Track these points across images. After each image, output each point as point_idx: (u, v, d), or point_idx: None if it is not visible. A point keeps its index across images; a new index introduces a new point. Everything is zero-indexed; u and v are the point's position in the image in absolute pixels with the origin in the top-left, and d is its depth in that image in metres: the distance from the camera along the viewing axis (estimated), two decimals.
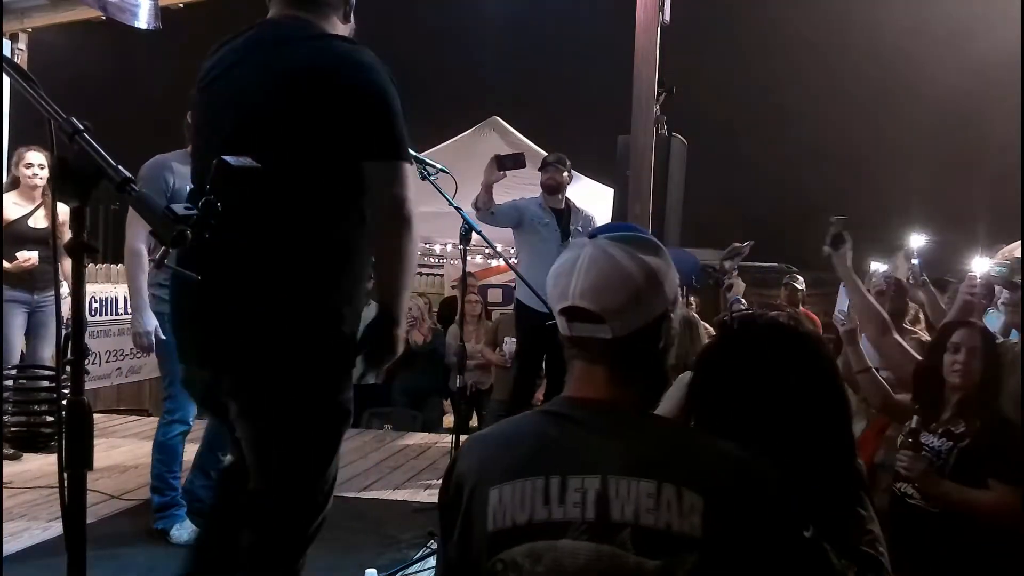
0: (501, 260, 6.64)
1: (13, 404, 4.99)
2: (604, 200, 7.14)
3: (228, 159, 1.43)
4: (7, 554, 3.17)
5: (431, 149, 9.30)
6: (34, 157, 4.86)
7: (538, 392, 6.09)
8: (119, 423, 6.11)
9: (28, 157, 4.86)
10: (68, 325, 1.36)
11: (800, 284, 6.94)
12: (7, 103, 5.56)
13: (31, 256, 4.79)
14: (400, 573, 3.21)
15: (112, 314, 7.30)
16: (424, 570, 3.23)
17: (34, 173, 4.86)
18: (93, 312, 7.02)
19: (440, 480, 1.37)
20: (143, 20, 5.40)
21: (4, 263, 4.68)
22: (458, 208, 3.94)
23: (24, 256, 4.77)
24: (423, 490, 4.40)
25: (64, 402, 1.32)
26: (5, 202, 4.69)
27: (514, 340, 5.70)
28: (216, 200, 1.34)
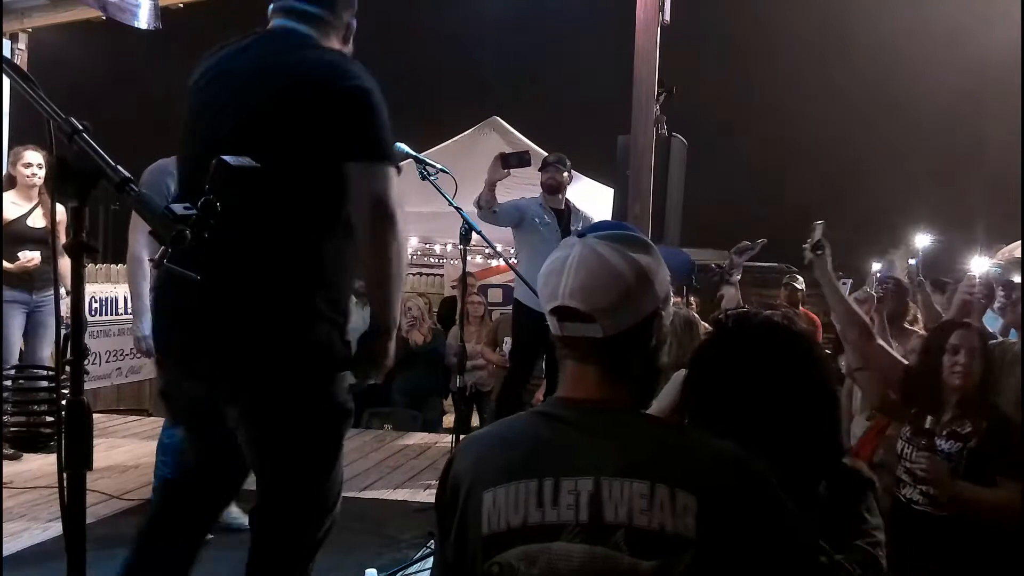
0: (501, 260, 6.65)
1: (13, 404, 4.99)
2: (604, 200, 7.15)
3: (227, 159, 1.43)
4: (7, 554, 3.16)
5: (431, 149, 9.31)
6: (32, 157, 4.86)
7: (538, 392, 6.10)
8: (119, 423, 6.11)
9: (26, 156, 4.85)
10: (68, 325, 1.36)
11: (800, 284, 6.93)
12: (7, 103, 5.56)
13: (34, 256, 4.79)
14: (400, 573, 3.21)
15: (112, 314, 7.31)
16: (424, 570, 3.23)
17: (32, 173, 4.85)
18: (93, 312, 7.02)
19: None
20: (143, 20, 5.41)
21: (6, 263, 4.68)
22: (458, 208, 3.94)
23: (27, 256, 4.78)
24: (423, 490, 4.40)
25: (64, 402, 1.32)
26: (3, 201, 4.68)
27: None
28: (215, 200, 1.34)
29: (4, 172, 4.97)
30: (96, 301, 7.11)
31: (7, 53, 5.93)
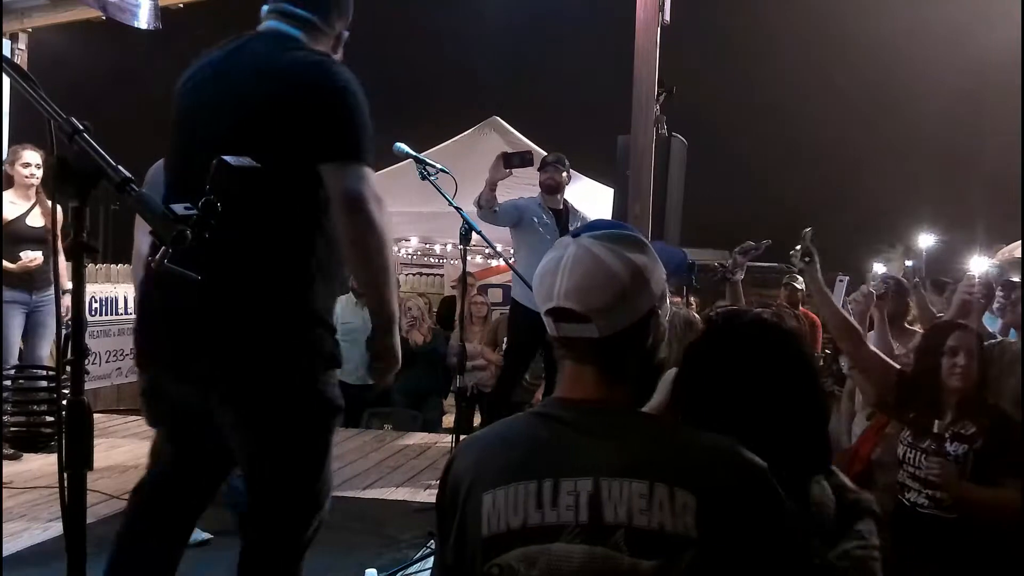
0: (501, 260, 6.64)
1: (13, 404, 4.98)
2: (604, 200, 7.14)
3: (228, 159, 1.43)
4: (7, 554, 3.16)
5: (431, 149, 9.30)
6: (31, 156, 4.85)
7: (537, 392, 6.10)
8: (119, 423, 6.11)
9: (25, 156, 4.85)
10: (68, 325, 1.36)
11: (800, 284, 6.93)
12: (7, 103, 5.56)
13: (36, 256, 4.80)
14: (400, 573, 3.21)
15: (112, 314, 7.30)
16: (424, 570, 3.23)
17: (31, 173, 4.85)
18: (93, 312, 7.01)
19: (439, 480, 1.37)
20: (143, 20, 5.41)
21: (8, 263, 4.69)
22: (458, 208, 3.94)
23: (29, 256, 4.78)
24: (423, 490, 4.40)
25: (64, 402, 1.32)
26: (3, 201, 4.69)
27: None
28: (216, 200, 1.34)
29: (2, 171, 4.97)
30: (96, 301, 7.10)
31: (7, 53, 5.93)
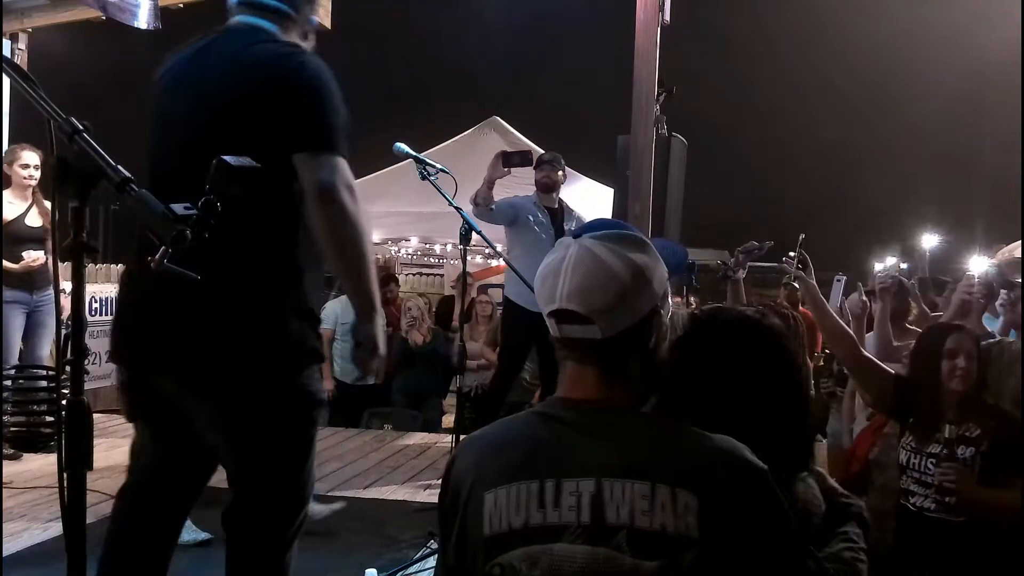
0: (501, 260, 6.64)
1: (13, 404, 4.99)
2: (604, 200, 7.14)
3: (228, 159, 1.43)
4: (7, 554, 3.16)
5: (431, 149, 9.31)
6: (29, 157, 4.85)
7: (537, 392, 6.09)
8: (119, 423, 6.08)
9: (24, 157, 4.85)
10: (68, 325, 1.36)
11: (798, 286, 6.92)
12: (7, 103, 5.56)
13: (38, 255, 4.80)
14: (400, 573, 3.21)
15: (112, 314, 7.29)
16: (424, 570, 3.23)
17: (30, 174, 4.85)
18: (93, 312, 7.00)
19: (440, 480, 1.37)
20: (143, 20, 5.40)
21: (11, 264, 4.69)
22: (458, 208, 3.94)
23: (32, 256, 4.78)
24: (423, 490, 4.40)
25: (64, 402, 1.32)
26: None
27: None
28: (216, 200, 1.34)
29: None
30: (96, 301, 7.10)
31: (7, 53, 5.93)
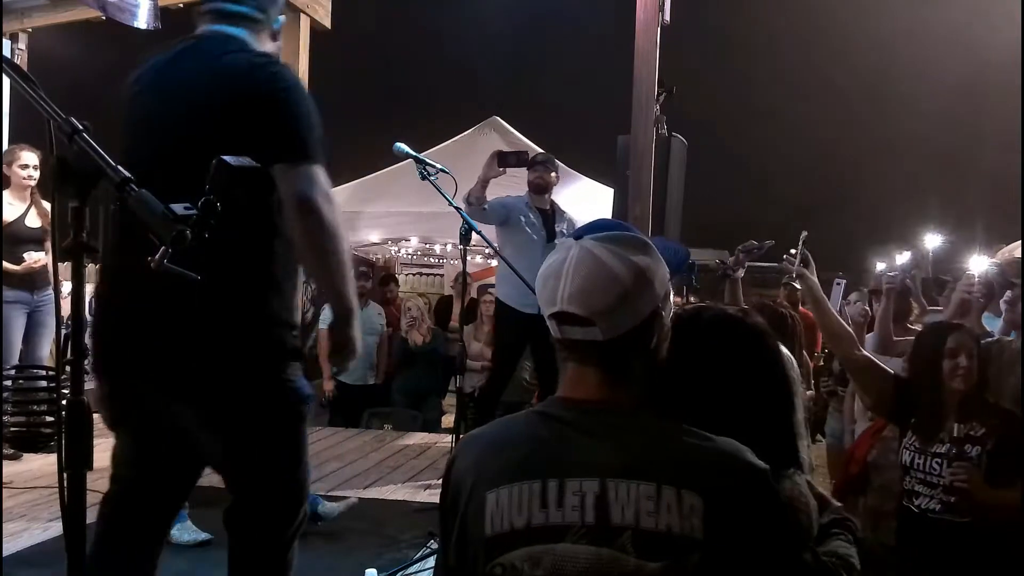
0: (500, 260, 6.63)
1: (13, 404, 4.98)
2: (604, 200, 7.14)
3: (227, 159, 1.43)
4: (7, 554, 3.16)
5: (431, 149, 9.29)
6: (28, 157, 4.85)
7: (536, 393, 6.09)
8: None
9: (23, 157, 4.84)
10: (68, 325, 1.36)
11: (799, 284, 6.92)
12: (7, 103, 5.56)
13: (40, 256, 4.80)
14: (400, 573, 3.21)
15: None
16: (424, 570, 3.23)
17: (29, 174, 4.85)
18: (93, 312, 7.01)
19: (440, 480, 1.37)
20: (143, 20, 5.40)
21: (13, 265, 4.69)
22: (458, 208, 3.94)
23: (34, 257, 4.79)
24: (423, 490, 4.40)
25: (64, 402, 1.32)
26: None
27: None
28: (216, 200, 1.34)
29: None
30: None
31: (7, 53, 5.93)
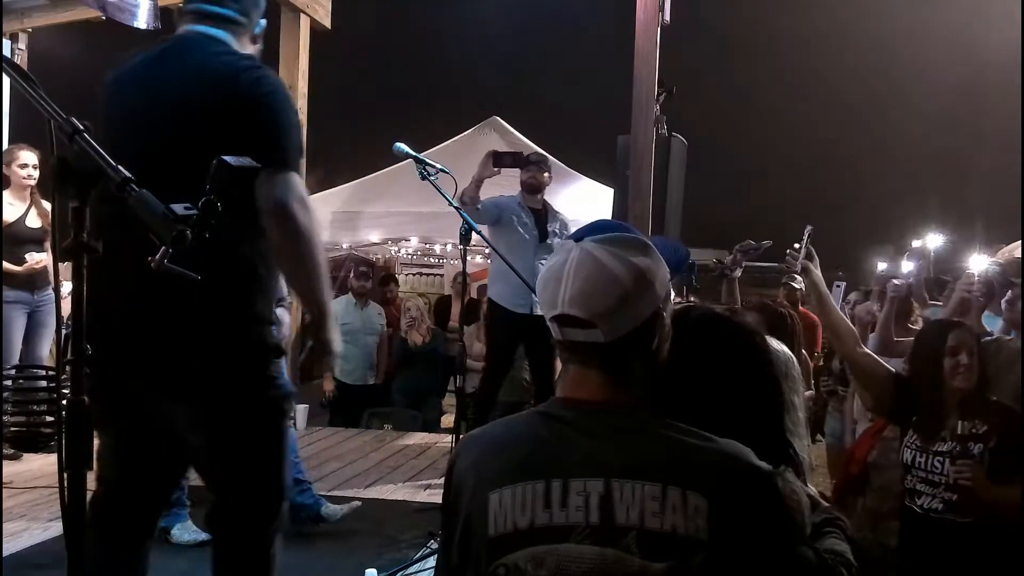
0: (492, 260, 6.62)
1: (13, 404, 4.99)
2: (604, 200, 7.13)
3: (227, 159, 1.43)
4: (7, 554, 3.17)
5: (431, 149, 9.29)
6: (28, 157, 4.85)
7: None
8: None
9: (23, 157, 4.84)
10: (68, 325, 1.35)
11: (799, 284, 6.90)
12: (7, 103, 5.56)
13: (41, 257, 4.80)
14: (400, 573, 3.21)
15: None
16: (424, 570, 3.23)
17: (28, 174, 4.85)
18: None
19: (440, 479, 1.37)
20: (143, 20, 5.40)
21: (14, 266, 4.69)
22: (458, 208, 3.94)
23: (36, 258, 4.79)
24: (423, 490, 4.40)
25: (64, 402, 1.32)
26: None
27: None
28: (216, 200, 1.34)
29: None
30: None
31: (7, 53, 5.93)
